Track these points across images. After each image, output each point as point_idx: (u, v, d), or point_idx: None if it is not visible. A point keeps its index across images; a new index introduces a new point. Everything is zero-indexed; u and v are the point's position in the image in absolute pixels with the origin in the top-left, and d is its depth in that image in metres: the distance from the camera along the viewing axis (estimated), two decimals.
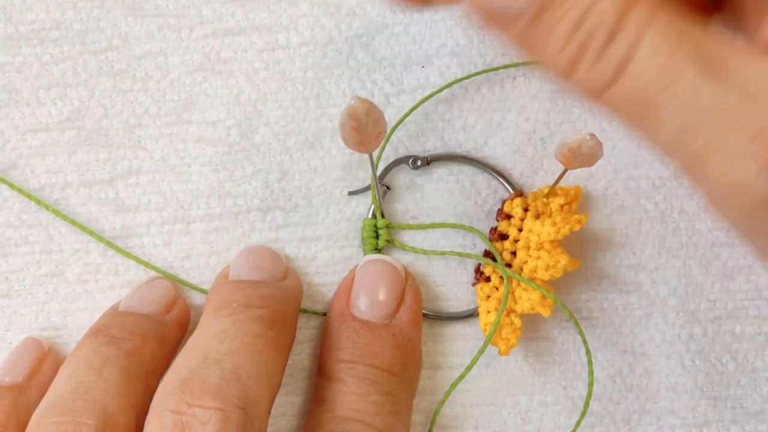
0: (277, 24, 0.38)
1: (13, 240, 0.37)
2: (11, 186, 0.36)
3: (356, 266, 0.36)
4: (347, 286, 0.35)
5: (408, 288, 0.35)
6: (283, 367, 0.32)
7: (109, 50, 0.37)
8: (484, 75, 0.38)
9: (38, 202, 0.36)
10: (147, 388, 0.32)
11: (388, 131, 0.37)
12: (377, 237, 0.37)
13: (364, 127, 0.30)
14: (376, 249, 0.37)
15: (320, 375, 0.34)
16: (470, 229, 0.37)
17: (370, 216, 0.37)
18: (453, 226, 0.37)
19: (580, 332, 0.35)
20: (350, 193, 0.37)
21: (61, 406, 0.30)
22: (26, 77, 0.37)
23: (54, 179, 0.37)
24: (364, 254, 0.37)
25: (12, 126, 0.37)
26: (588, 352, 0.36)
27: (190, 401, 0.28)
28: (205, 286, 0.37)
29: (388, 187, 0.37)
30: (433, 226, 0.37)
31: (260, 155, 0.37)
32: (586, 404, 0.36)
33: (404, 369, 0.34)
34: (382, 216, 0.37)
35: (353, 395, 0.32)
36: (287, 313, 0.34)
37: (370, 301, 0.35)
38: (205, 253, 0.37)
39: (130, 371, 0.32)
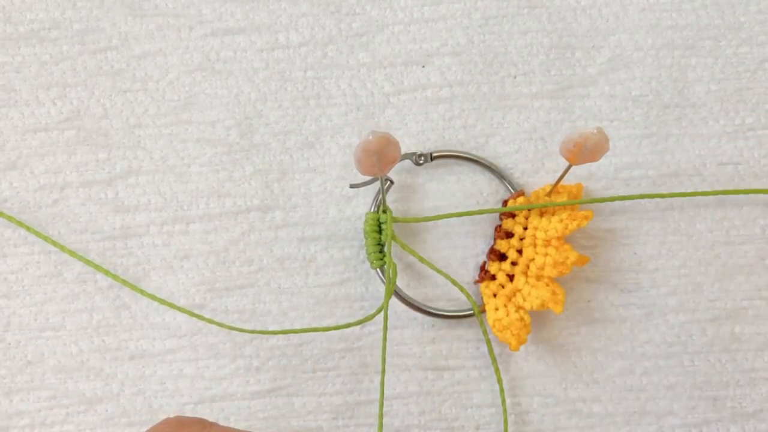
0: (276, 23, 0.38)
1: (12, 240, 0.37)
2: (19, 224, 0.36)
3: None
4: None
5: None
6: None
7: (109, 50, 0.37)
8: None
9: (53, 243, 0.36)
10: None
11: None
12: (380, 232, 0.36)
13: (381, 159, 0.31)
14: (379, 244, 0.36)
15: None
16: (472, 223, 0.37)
17: (373, 210, 0.37)
18: (459, 215, 0.36)
19: None
20: (352, 186, 0.37)
21: None
22: (25, 77, 0.37)
23: (53, 179, 0.37)
24: (366, 251, 0.36)
25: (11, 126, 0.37)
26: None
27: None
28: (204, 287, 0.37)
29: (391, 181, 0.37)
30: (439, 217, 0.36)
31: (260, 155, 0.37)
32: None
33: None
34: (384, 212, 0.36)
35: None
36: None
37: None
38: (204, 253, 0.37)
39: None
